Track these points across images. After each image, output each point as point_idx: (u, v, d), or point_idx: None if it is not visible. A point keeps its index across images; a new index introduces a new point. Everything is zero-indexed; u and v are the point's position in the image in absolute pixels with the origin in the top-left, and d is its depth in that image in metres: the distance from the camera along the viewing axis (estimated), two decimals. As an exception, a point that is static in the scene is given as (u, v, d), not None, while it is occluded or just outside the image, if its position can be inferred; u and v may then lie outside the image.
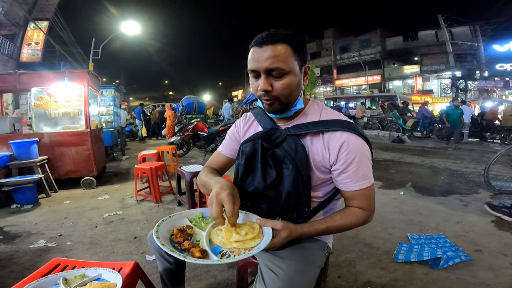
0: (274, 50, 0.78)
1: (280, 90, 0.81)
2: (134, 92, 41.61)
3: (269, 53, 0.78)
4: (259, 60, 0.79)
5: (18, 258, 1.93)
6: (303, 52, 0.84)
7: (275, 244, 0.75)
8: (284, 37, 0.79)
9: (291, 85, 0.81)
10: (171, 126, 7.85)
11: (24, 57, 12.05)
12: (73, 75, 3.88)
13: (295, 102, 0.86)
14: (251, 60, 0.82)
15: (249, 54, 0.83)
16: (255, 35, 0.83)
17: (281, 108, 0.85)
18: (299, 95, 0.86)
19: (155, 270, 1.69)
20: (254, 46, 0.81)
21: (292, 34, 0.81)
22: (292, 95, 0.84)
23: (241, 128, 1.04)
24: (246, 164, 0.92)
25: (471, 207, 2.82)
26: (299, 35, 0.84)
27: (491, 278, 1.61)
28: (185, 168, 2.80)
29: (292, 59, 0.80)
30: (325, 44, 29.31)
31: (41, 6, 12.63)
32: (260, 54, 0.79)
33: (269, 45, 0.78)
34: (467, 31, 19.67)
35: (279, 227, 0.77)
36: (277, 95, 0.82)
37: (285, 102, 0.84)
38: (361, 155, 0.82)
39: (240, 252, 0.72)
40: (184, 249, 0.74)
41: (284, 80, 0.80)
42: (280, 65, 0.78)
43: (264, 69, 0.79)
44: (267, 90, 0.81)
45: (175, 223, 0.85)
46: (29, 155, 3.39)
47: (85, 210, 2.94)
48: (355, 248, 1.99)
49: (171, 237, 0.79)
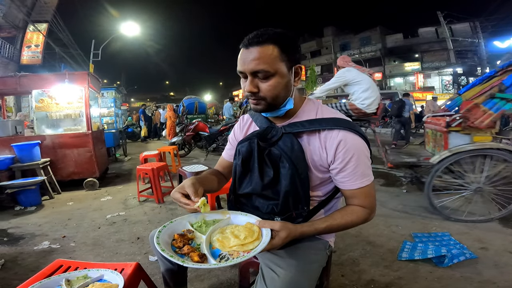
0: (260, 51, 0.76)
1: (266, 92, 0.80)
2: (135, 93, 41.74)
3: (254, 55, 0.77)
4: (245, 62, 0.79)
5: (23, 260, 1.94)
6: (292, 52, 0.81)
7: (274, 245, 0.75)
8: (270, 37, 0.77)
9: (277, 86, 0.79)
10: (171, 126, 7.86)
11: (24, 60, 12.11)
12: (74, 77, 3.89)
13: (285, 103, 0.84)
14: (239, 61, 0.81)
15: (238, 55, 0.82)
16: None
17: (267, 107, 0.84)
18: (289, 96, 0.84)
19: (158, 270, 1.68)
20: (241, 47, 0.80)
21: (281, 34, 0.79)
22: (280, 97, 0.82)
23: (239, 133, 1.05)
24: (243, 164, 0.92)
25: (475, 204, 2.79)
26: (290, 34, 0.81)
27: (497, 275, 1.59)
28: (187, 168, 2.80)
29: (279, 60, 0.78)
30: (325, 42, 29.25)
31: (40, 8, 12.67)
32: (246, 56, 0.79)
33: (255, 46, 0.77)
34: (467, 28, 19.57)
35: (278, 228, 0.77)
36: (264, 96, 0.81)
37: (271, 103, 0.82)
38: (359, 153, 0.81)
39: (239, 254, 0.73)
40: (183, 254, 0.75)
41: (270, 82, 0.79)
42: (265, 67, 0.76)
43: (249, 71, 0.78)
44: (252, 92, 0.80)
45: (176, 228, 0.86)
46: (32, 158, 3.41)
47: (88, 212, 2.95)
48: (358, 247, 1.98)
49: (172, 241, 0.80)
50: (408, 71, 23.87)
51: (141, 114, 11.92)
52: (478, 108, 2.37)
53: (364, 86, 3.04)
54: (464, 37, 19.01)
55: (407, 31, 24.32)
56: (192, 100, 8.72)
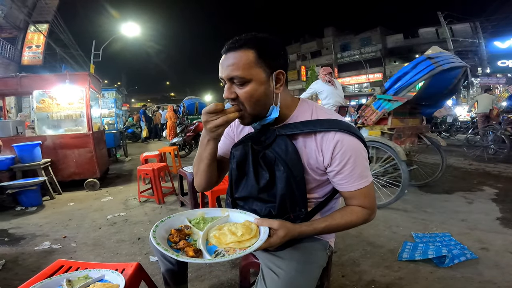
0: (235, 57, 0.75)
1: (243, 98, 0.78)
2: (135, 94, 41.74)
3: (231, 61, 0.76)
4: (222, 68, 0.78)
5: (23, 260, 1.94)
6: (273, 58, 0.78)
7: (272, 243, 0.74)
8: (247, 42, 0.76)
9: (254, 94, 0.77)
10: (172, 127, 7.87)
11: (25, 60, 12.12)
12: (74, 77, 3.90)
13: (270, 111, 0.81)
14: (219, 67, 0.80)
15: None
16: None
17: (251, 120, 0.82)
18: (271, 103, 0.81)
19: (159, 270, 1.68)
20: (222, 53, 0.80)
21: (259, 39, 0.77)
22: (258, 105, 0.79)
23: (235, 127, 1.02)
24: (238, 168, 0.90)
25: (476, 204, 2.79)
26: (270, 38, 0.79)
27: (497, 276, 1.59)
28: (187, 168, 2.81)
29: (256, 66, 0.75)
30: (326, 43, 29.26)
31: (41, 8, 12.69)
32: (223, 61, 0.78)
33: (232, 52, 0.77)
34: (468, 28, 19.56)
35: (276, 226, 0.76)
36: (242, 102, 0.79)
37: (252, 113, 0.80)
38: (356, 154, 0.81)
39: (235, 251, 0.73)
40: (179, 248, 0.75)
41: (246, 89, 0.77)
42: (239, 73, 0.75)
43: (226, 77, 0.78)
44: (229, 98, 0.79)
45: (173, 223, 0.86)
46: (33, 158, 3.41)
47: (88, 212, 2.95)
48: (359, 247, 1.98)
49: (169, 236, 0.80)
50: (408, 72, 23.84)
51: (141, 114, 11.94)
52: (370, 108, 2.97)
53: (324, 95, 3.89)
54: (464, 38, 19.00)
55: (407, 32, 24.33)
56: (193, 101, 8.69)
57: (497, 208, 2.65)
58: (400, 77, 2.89)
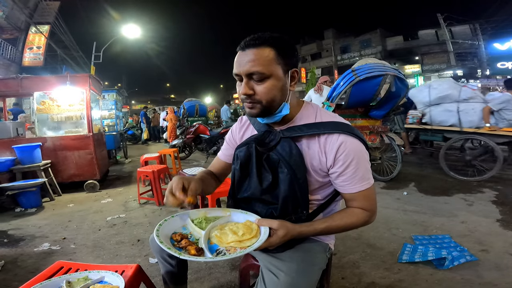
0: (256, 53, 0.77)
1: (261, 94, 0.79)
2: (136, 96, 41.80)
3: (250, 57, 0.77)
4: (241, 64, 0.79)
5: (23, 261, 1.94)
6: (289, 56, 0.81)
7: (271, 243, 0.75)
8: (267, 40, 0.78)
9: (273, 89, 0.79)
10: (172, 129, 7.87)
11: (26, 61, 12.14)
12: (75, 79, 3.91)
13: (280, 108, 0.83)
14: (235, 64, 0.81)
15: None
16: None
17: (261, 112, 0.82)
18: (284, 100, 0.83)
19: (158, 272, 1.68)
20: (238, 50, 0.81)
21: (277, 38, 0.79)
22: (275, 100, 0.81)
23: (237, 133, 1.05)
24: (241, 169, 0.92)
25: (476, 206, 2.79)
26: (286, 38, 0.81)
27: (497, 278, 1.59)
28: (187, 170, 2.81)
29: (275, 63, 0.78)
30: (326, 45, 29.32)
31: (42, 10, 12.73)
32: (242, 58, 0.79)
33: (251, 49, 0.78)
34: (467, 30, 19.62)
35: (276, 226, 0.77)
36: (260, 99, 0.80)
37: (266, 106, 0.81)
38: (358, 156, 0.82)
39: (235, 250, 0.74)
40: (181, 247, 0.76)
41: (265, 84, 0.78)
42: (260, 69, 0.76)
43: (245, 72, 0.78)
44: (247, 94, 0.80)
45: (176, 223, 0.88)
46: (33, 159, 3.41)
47: (88, 214, 2.95)
48: (359, 249, 1.98)
49: (172, 235, 0.82)
50: (408, 74, 23.87)
51: (142, 116, 11.94)
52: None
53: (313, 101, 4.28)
54: (464, 39, 19.07)
55: (407, 34, 24.34)
56: (193, 103, 8.70)
57: (497, 210, 2.65)
58: (335, 88, 3.42)
